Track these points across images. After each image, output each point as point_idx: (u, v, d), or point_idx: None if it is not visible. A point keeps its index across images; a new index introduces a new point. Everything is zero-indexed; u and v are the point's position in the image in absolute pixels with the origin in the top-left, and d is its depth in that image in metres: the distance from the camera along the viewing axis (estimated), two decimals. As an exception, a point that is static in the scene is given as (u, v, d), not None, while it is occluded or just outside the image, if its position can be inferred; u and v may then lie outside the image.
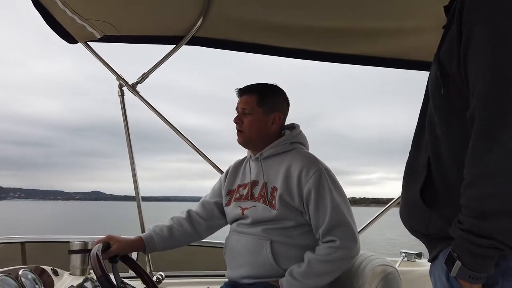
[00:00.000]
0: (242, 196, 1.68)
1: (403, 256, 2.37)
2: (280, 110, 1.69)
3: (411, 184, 0.97)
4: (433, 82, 0.93)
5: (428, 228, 0.92)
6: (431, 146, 0.93)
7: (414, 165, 0.99)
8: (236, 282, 1.61)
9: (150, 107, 2.35)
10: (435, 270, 0.95)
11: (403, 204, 1.01)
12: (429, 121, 0.95)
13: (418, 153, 0.99)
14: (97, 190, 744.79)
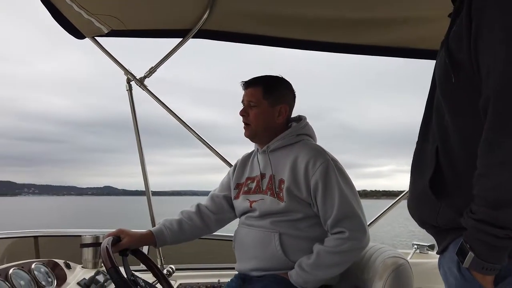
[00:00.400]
0: (250, 190, 1.67)
1: (415, 248, 2.34)
2: (286, 102, 1.68)
3: (419, 175, 0.95)
4: (441, 70, 0.91)
5: (438, 219, 0.90)
6: (439, 136, 0.91)
7: (421, 156, 0.97)
8: (246, 274, 1.61)
9: (158, 101, 2.36)
10: (445, 262, 0.93)
11: (411, 196, 1.00)
12: (437, 111, 0.93)
13: (426, 143, 0.97)
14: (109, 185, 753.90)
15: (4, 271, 1.58)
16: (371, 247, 1.56)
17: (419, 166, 0.97)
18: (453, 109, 0.88)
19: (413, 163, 1.01)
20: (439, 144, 0.90)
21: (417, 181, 0.97)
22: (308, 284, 1.48)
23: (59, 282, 1.81)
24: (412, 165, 1.01)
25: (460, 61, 0.85)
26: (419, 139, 1.01)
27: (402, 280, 1.35)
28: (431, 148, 0.92)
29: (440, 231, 0.93)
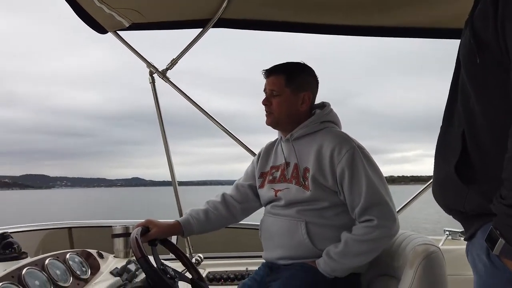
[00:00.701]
0: (275, 179, 1.66)
1: (447, 234, 2.28)
2: (309, 89, 1.65)
3: (444, 160, 0.92)
4: (466, 50, 0.86)
5: (465, 205, 0.86)
6: (465, 119, 0.87)
7: (446, 140, 0.94)
8: (273, 263, 1.61)
9: (181, 92, 2.37)
10: (473, 248, 0.90)
11: (436, 181, 0.96)
12: (462, 93, 0.89)
13: (451, 127, 0.93)
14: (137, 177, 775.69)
15: (41, 262, 1.65)
16: (400, 234, 1.53)
17: (444, 151, 0.94)
18: (478, 91, 0.84)
19: (438, 147, 0.97)
20: (465, 127, 0.86)
21: (442, 166, 0.93)
22: (336, 272, 1.47)
23: (93, 271, 1.87)
24: (436, 150, 0.97)
25: (485, 41, 0.81)
26: (443, 123, 0.97)
27: (434, 268, 1.32)
28: (457, 132, 0.89)
29: (467, 217, 0.90)
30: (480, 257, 0.85)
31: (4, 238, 1.71)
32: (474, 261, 0.88)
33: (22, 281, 1.48)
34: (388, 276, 1.55)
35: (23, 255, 1.72)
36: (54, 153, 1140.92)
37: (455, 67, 0.95)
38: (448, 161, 0.89)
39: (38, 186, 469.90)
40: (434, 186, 0.97)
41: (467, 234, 0.92)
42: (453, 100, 0.93)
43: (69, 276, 1.71)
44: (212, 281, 2.23)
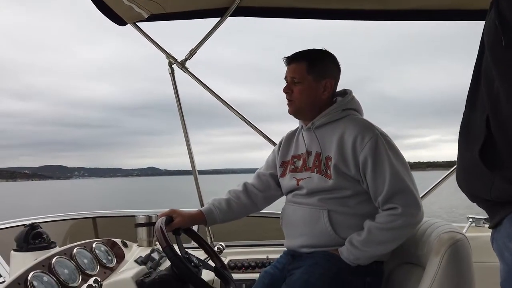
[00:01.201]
0: (297, 168, 1.66)
1: (470, 221, 2.25)
2: (331, 76, 1.62)
3: (468, 146, 0.89)
4: (490, 32, 0.83)
5: (491, 192, 0.84)
6: (489, 104, 0.84)
7: (470, 125, 0.91)
8: (295, 251, 1.62)
9: (200, 82, 2.38)
10: (499, 237, 0.88)
11: (460, 168, 0.94)
12: (486, 77, 0.86)
13: (474, 112, 0.90)
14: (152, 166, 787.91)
15: (69, 251, 1.70)
16: (424, 222, 1.51)
17: (468, 137, 0.91)
18: (503, 74, 0.81)
19: (461, 133, 0.94)
20: (489, 112, 0.84)
21: (466, 153, 0.91)
22: (359, 260, 1.47)
23: (118, 260, 1.92)
24: (459, 136, 0.95)
25: (511, 21, 0.78)
26: (466, 108, 0.95)
27: (460, 256, 1.30)
28: (480, 117, 0.86)
29: (493, 205, 0.88)
30: (506, 245, 0.83)
31: (34, 229, 1.76)
32: (500, 249, 0.87)
33: (52, 269, 1.53)
34: (411, 264, 1.54)
35: (52, 245, 1.78)
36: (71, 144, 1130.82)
37: (479, 50, 0.92)
38: (472, 147, 0.87)
39: (57, 177, 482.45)
40: (458, 173, 0.95)
41: (492, 222, 0.90)
42: (476, 84, 0.91)
43: (96, 264, 1.76)
44: (233, 269, 2.26)
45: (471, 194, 0.93)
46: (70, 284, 1.53)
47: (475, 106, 0.90)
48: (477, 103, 0.90)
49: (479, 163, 0.85)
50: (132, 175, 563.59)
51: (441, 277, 1.28)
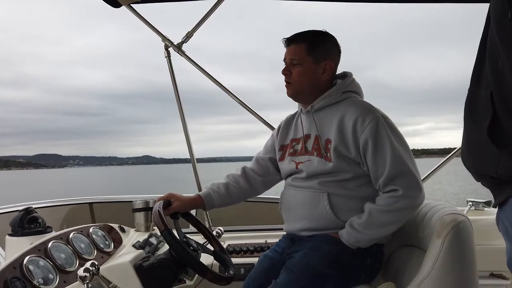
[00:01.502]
0: (296, 151, 1.64)
1: (470, 204, 2.25)
2: (331, 58, 1.59)
3: (475, 123, 0.88)
4: (497, 7, 0.81)
5: (498, 169, 0.83)
6: (493, 81, 0.83)
7: (475, 103, 0.90)
8: (295, 235, 1.61)
9: (197, 66, 2.33)
10: (505, 216, 0.87)
11: (466, 147, 0.92)
12: (490, 53, 0.84)
13: (478, 89, 0.89)
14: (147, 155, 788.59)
15: (65, 235, 1.68)
16: (425, 204, 1.50)
17: (473, 114, 0.90)
18: (509, 49, 0.78)
19: (466, 111, 0.93)
20: (494, 89, 0.82)
21: (472, 130, 0.89)
22: (359, 243, 1.46)
23: (115, 245, 1.91)
24: (465, 113, 0.93)
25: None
26: (471, 85, 0.93)
27: (463, 238, 1.29)
28: (485, 94, 0.84)
29: (499, 183, 0.86)
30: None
31: (29, 213, 1.74)
32: (507, 228, 0.86)
33: (49, 254, 1.51)
34: (412, 247, 1.54)
35: (47, 229, 1.76)
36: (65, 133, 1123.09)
37: (484, 27, 0.90)
38: (479, 125, 0.85)
39: (52, 166, 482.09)
40: (464, 150, 0.94)
41: (497, 201, 0.89)
42: (481, 61, 0.89)
43: (93, 249, 1.74)
44: (231, 253, 2.26)
45: (477, 172, 0.92)
46: (67, 269, 1.51)
47: (479, 83, 0.89)
48: (481, 80, 0.88)
49: (486, 141, 0.83)
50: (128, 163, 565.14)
51: (443, 259, 1.27)
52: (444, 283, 1.28)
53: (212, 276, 1.40)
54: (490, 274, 2.03)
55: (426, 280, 1.28)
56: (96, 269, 1.23)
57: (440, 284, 1.28)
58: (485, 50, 0.87)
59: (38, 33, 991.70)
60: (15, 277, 1.31)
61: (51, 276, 1.44)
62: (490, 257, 1.98)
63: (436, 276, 1.28)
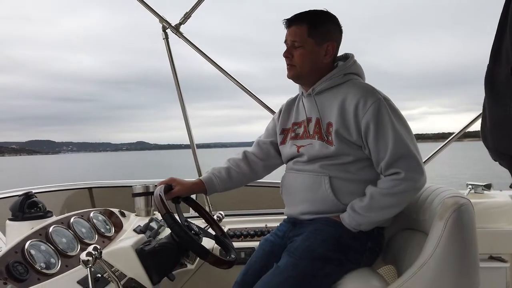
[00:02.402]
0: (298, 135, 1.62)
1: (470, 188, 2.26)
2: (333, 39, 1.55)
3: (499, 101, 0.86)
4: None
5: None
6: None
7: (495, 78, 0.87)
8: (296, 218, 1.60)
9: (196, 49, 2.30)
10: None
11: (489, 125, 0.91)
12: (511, 29, 0.82)
13: (498, 66, 0.86)
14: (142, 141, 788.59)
15: (66, 220, 1.67)
16: (427, 187, 1.50)
17: (494, 92, 0.88)
18: None
19: (487, 87, 0.91)
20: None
21: (494, 108, 0.88)
22: (361, 226, 1.46)
23: (116, 229, 1.91)
24: (486, 90, 0.91)
25: None
26: (490, 62, 0.91)
27: (465, 220, 1.29)
28: (505, 69, 0.82)
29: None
30: None
31: (29, 198, 1.73)
32: None
33: (50, 238, 1.51)
34: (412, 230, 1.55)
35: (48, 214, 1.75)
36: (58, 119, 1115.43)
37: (505, 3, 0.87)
38: (503, 102, 0.83)
39: (45, 152, 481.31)
40: (485, 129, 0.92)
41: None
42: (501, 38, 0.87)
43: (94, 233, 1.74)
44: (232, 237, 2.27)
45: (497, 150, 0.90)
46: (68, 253, 1.51)
47: (499, 59, 0.87)
48: (501, 56, 0.86)
49: (510, 119, 0.81)
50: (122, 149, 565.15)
51: (445, 241, 1.27)
52: (446, 265, 1.28)
53: (214, 260, 1.41)
54: (489, 256, 2.05)
55: (428, 262, 1.29)
56: (99, 253, 1.22)
57: (441, 266, 1.28)
58: (505, 26, 0.85)
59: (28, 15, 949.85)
60: (17, 262, 1.31)
61: (53, 261, 1.43)
62: (489, 240, 2.00)
63: (438, 258, 1.28)
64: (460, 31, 64.93)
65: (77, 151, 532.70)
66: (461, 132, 2.39)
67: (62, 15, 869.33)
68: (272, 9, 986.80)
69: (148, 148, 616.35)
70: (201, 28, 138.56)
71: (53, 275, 1.37)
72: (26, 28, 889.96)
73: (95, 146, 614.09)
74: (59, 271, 1.40)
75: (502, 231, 2.05)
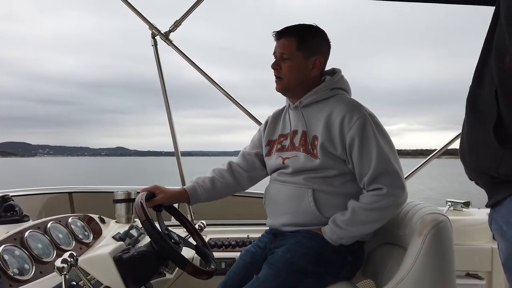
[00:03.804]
0: (284, 147, 1.63)
1: (449, 205, 2.30)
2: (321, 53, 1.58)
3: (479, 121, 0.88)
4: (509, 3, 0.81)
5: (499, 168, 0.84)
6: (498, 79, 0.83)
7: (477, 101, 0.90)
8: (278, 230, 1.60)
9: (184, 56, 2.30)
10: (499, 216, 0.88)
11: (467, 144, 0.93)
12: (497, 51, 0.85)
13: (481, 87, 0.89)
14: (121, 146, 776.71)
15: (43, 225, 1.64)
16: (407, 203, 1.52)
17: (476, 112, 0.90)
18: None
19: (469, 108, 0.93)
20: (498, 87, 0.82)
21: (474, 128, 0.90)
22: (342, 240, 1.46)
23: (95, 236, 1.87)
24: (467, 111, 0.94)
25: None
26: (473, 84, 0.94)
27: (443, 237, 1.31)
28: (489, 92, 0.85)
29: (496, 183, 0.87)
30: (510, 223, 0.83)
31: (5, 201, 1.69)
32: (501, 228, 0.86)
33: (25, 243, 1.47)
34: (392, 245, 1.56)
35: (25, 218, 1.71)
36: (36, 120, 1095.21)
37: (490, 27, 0.90)
38: (483, 123, 0.86)
39: (21, 154, 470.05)
40: (465, 149, 0.94)
41: (492, 201, 0.90)
42: (485, 60, 0.89)
43: (71, 240, 1.71)
44: (213, 247, 2.24)
45: (476, 169, 0.92)
46: (43, 259, 1.47)
47: (482, 81, 0.89)
48: (484, 79, 0.89)
49: (491, 139, 0.83)
50: (101, 154, 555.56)
51: (423, 257, 1.29)
52: (423, 281, 1.30)
53: (193, 270, 1.39)
54: (466, 273, 2.08)
55: (406, 278, 1.30)
56: (75, 260, 1.20)
57: (419, 282, 1.29)
58: (490, 49, 0.87)
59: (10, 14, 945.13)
60: None
61: (26, 266, 1.40)
62: (466, 257, 2.03)
63: (416, 274, 1.29)
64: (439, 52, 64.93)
65: (53, 154, 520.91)
66: (442, 150, 2.44)
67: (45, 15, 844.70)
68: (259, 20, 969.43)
69: (128, 154, 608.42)
70: (189, 36, 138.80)
71: (26, 282, 1.33)
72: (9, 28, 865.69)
73: (72, 150, 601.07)
74: (32, 277, 1.37)
75: (479, 248, 2.08)
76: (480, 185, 0.94)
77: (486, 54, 0.90)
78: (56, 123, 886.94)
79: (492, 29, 0.89)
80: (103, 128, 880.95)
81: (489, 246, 2.08)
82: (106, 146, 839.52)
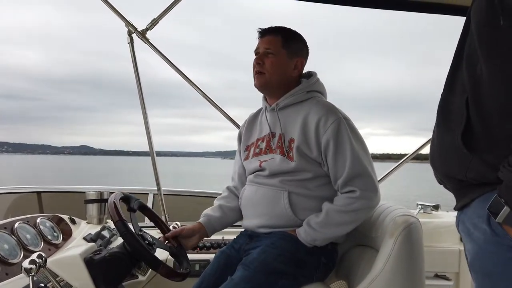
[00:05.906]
0: (261, 150, 1.64)
1: (420, 208, 2.37)
2: (302, 56, 1.64)
3: (449, 128, 0.91)
4: (484, 13, 0.83)
5: (467, 173, 0.87)
6: (470, 87, 0.86)
7: (448, 108, 0.93)
8: (253, 231, 1.61)
9: (161, 55, 2.27)
10: (465, 218, 0.91)
11: (437, 149, 0.96)
12: (468, 60, 0.88)
13: (453, 95, 0.92)
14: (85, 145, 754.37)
15: (10, 225, 1.57)
16: (380, 205, 1.55)
17: (446, 119, 0.93)
18: (492, 56, 0.81)
19: (440, 115, 0.97)
20: (469, 95, 0.85)
21: (446, 134, 0.93)
22: (316, 241, 1.48)
23: (64, 237, 1.82)
24: (438, 117, 0.97)
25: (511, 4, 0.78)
26: (444, 90, 0.97)
27: (414, 238, 1.35)
28: (460, 100, 0.88)
29: (463, 187, 0.91)
30: (477, 225, 0.86)
31: (-31, 200, 1.61)
32: (468, 230, 0.89)
33: (-10, 244, 1.41)
34: (365, 246, 1.59)
35: (-10, 218, 1.64)
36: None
37: (461, 36, 0.93)
38: (452, 129, 0.88)
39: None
40: (435, 154, 0.97)
41: (460, 204, 0.93)
42: (456, 68, 0.92)
43: (40, 240, 1.65)
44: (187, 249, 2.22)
45: (445, 174, 0.95)
46: (9, 260, 1.41)
47: (453, 89, 0.92)
48: (456, 86, 0.91)
49: (459, 145, 0.86)
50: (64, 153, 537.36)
51: (394, 258, 1.32)
52: (394, 281, 1.33)
53: (166, 271, 1.37)
54: (434, 274, 2.14)
55: (378, 278, 1.33)
56: (43, 261, 1.16)
57: (390, 282, 1.32)
58: (461, 57, 0.90)
59: None
60: None
61: (-9, 268, 1.34)
62: (435, 258, 2.09)
63: (387, 274, 1.32)
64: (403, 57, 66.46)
65: (12, 152, 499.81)
66: (413, 154, 2.51)
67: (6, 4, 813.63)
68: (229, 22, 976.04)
69: (93, 153, 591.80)
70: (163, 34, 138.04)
71: (-9, 284, 1.28)
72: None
73: (33, 148, 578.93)
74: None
75: (448, 250, 2.16)
76: (448, 188, 0.97)
77: (457, 62, 0.93)
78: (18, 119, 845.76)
79: (463, 38, 0.92)
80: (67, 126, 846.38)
81: (457, 248, 2.16)
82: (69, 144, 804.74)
